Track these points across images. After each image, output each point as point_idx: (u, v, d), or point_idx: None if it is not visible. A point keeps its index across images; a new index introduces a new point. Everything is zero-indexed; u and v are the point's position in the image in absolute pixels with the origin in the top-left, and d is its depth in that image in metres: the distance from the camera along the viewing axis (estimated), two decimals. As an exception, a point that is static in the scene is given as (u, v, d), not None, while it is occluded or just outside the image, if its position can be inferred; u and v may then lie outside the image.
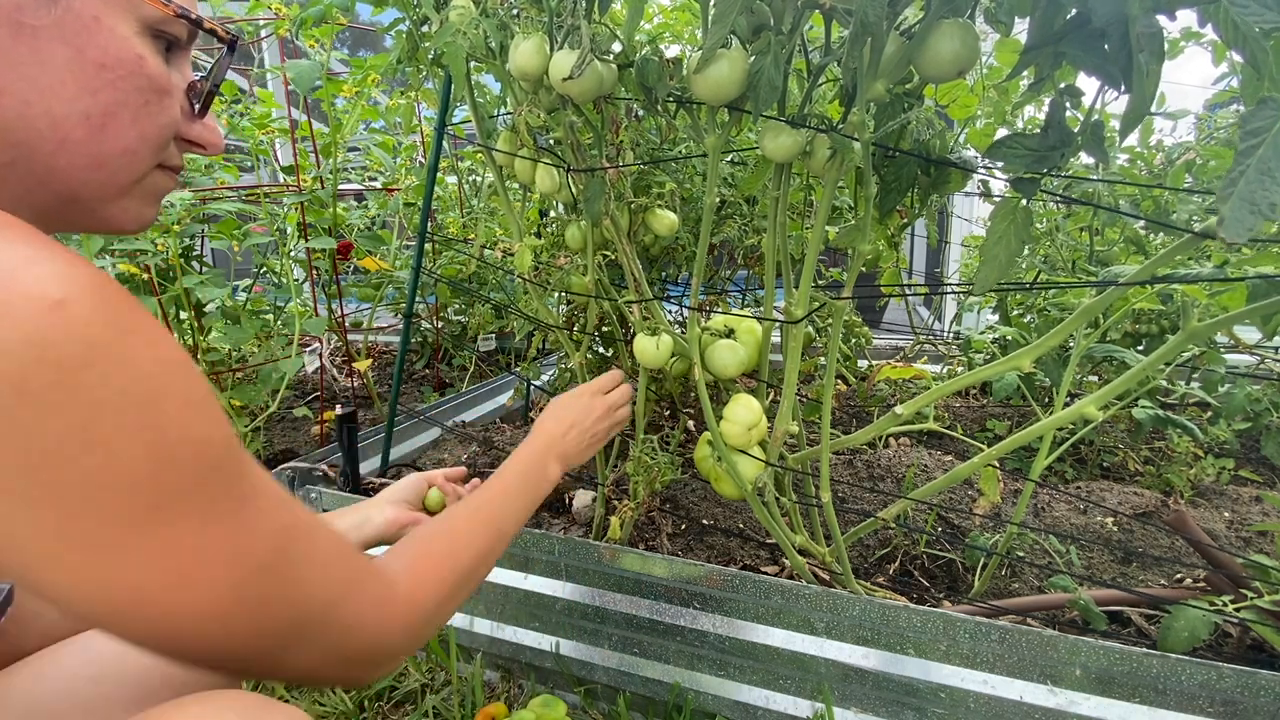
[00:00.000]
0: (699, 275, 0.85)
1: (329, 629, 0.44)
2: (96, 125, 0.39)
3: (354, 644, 0.46)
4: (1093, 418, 0.73)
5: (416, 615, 0.53)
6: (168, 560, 0.34)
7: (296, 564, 0.41)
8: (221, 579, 0.37)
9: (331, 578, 0.44)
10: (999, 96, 1.34)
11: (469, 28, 0.79)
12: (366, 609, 0.47)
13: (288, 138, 1.68)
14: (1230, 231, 0.43)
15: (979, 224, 2.51)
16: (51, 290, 0.29)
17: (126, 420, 0.31)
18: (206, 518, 0.35)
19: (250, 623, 0.39)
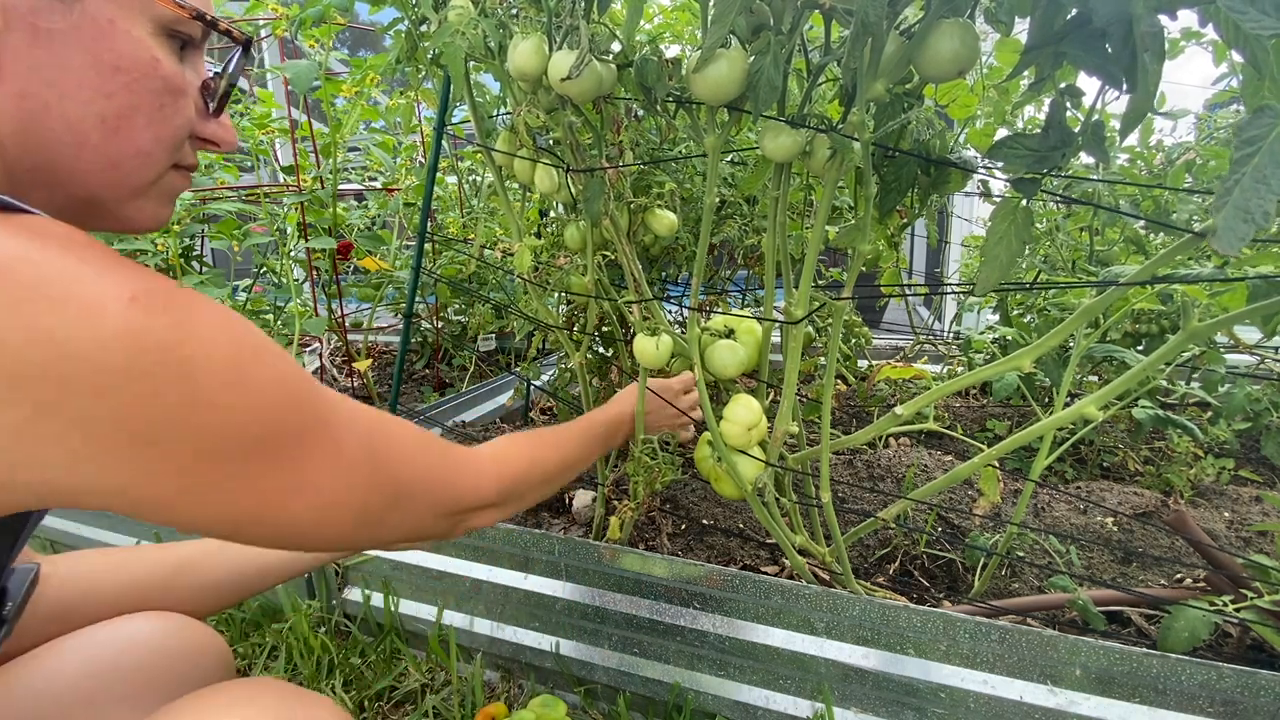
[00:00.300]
0: (699, 275, 0.85)
1: (423, 496, 0.53)
2: (112, 128, 0.40)
3: (450, 501, 0.57)
4: (1093, 418, 0.73)
5: (506, 475, 0.64)
6: (281, 480, 0.41)
7: (385, 454, 0.49)
8: (327, 484, 0.44)
9: (416, 457, 0.52)
10: (999, 96, 1.34)
11: (467, 27, 0.79)
12: (459, 476, 0.57)
13: (288, 138, 1.68)
14: (1223, 242, 0.43)
15: (979, 224, 2.51)
16: (125, 290, 0.34)
17: (217, 379, 0.36)
18: (304, 440, 0.42)
19: (358, 506, 0.47)
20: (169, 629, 0.66)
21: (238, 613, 1.24)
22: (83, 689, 0.59)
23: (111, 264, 0.35)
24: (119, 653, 0.62)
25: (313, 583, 1.22)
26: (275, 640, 1.16)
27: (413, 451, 0.52)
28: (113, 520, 1.48)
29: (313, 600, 1.21)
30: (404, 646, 1.13)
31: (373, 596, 1.16)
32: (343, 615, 1.19)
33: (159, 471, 0.36)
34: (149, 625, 0.65)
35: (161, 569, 0.69)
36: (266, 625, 1.19)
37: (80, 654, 0.61)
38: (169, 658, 0.64)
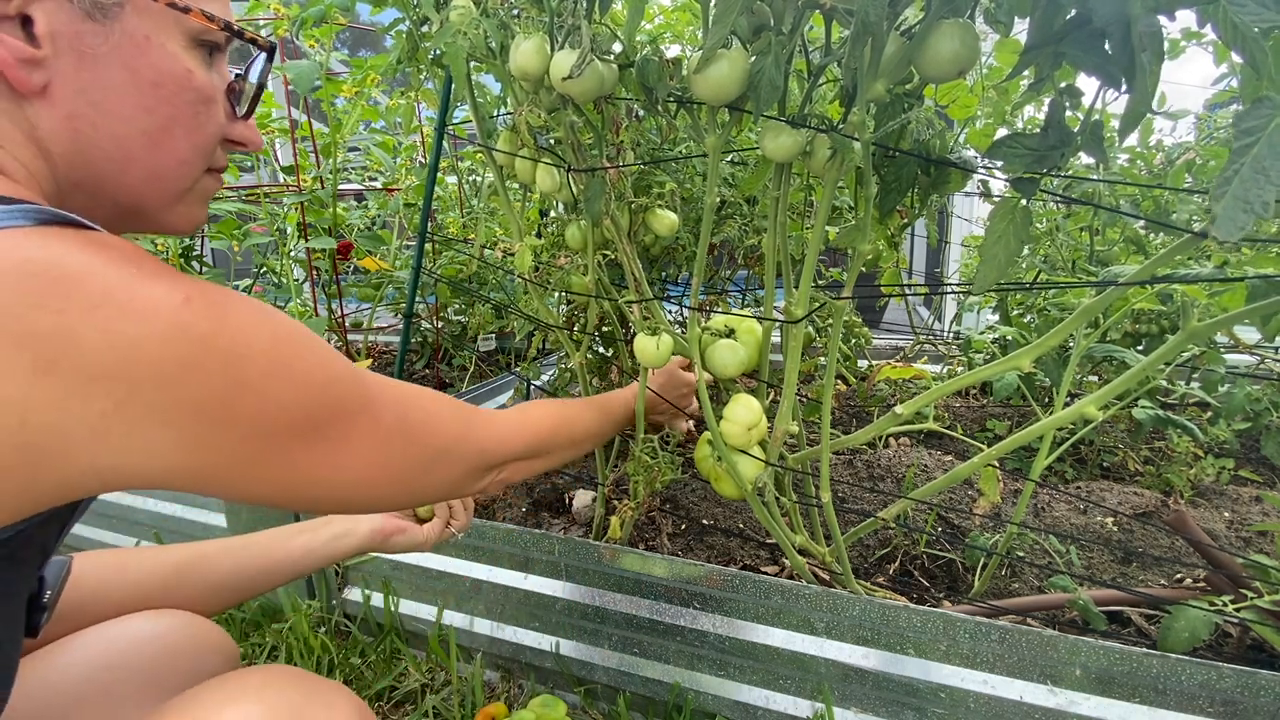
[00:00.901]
0: (699, 275, 0.85)
1: (455, 457, 0.59)
2: (155, 141, 0.43)
3: (479, 458, 0.62)
4: (1093, 418, 0.73)
5: (530, 435, 0.70)
6: (325, 455, 0.46)
7: (418, 423, 0.53)
8: (367, 455, 0.49)
9: (446, 424, 0.57)
10: (999, 96, 1.34)
11: (469, 28, 0.79)
12: (488, 434, 0.63)
13: (288, 138, 1.68)
14: (1223, 230, 0.43)
15: (979, 224, 2.51)
16: (179, 294, 0.38)
17: (258, 367, 0.40)
18: (343, 418, 0.46)
19: (396, 472, 0.52)
20: (178, 625, 0.67)
21: (238, 613, 1.24)
22: (97, 682, 0.60)
23: (164, 272, 0.39)
24: (131, 647, 0.63)
25: (313, 583, 1.22)
26: (275, 640, 1.16)
27: (442, 418, 0.57)
28: (111, 520, 1.48)
29: (313, 600, 1.21)
30: (404, 646, 1.13)
31: (373, 596, 1.16)
32: (343, 615, 1.19)
33: (215, 449, 0.40)
34: (159, 622, 0.67)
35: (164, 570, 0.70)
36: (267, 625, 1.19)
37: (93, 649, 0.62)
38: (179, 653, 0.65)
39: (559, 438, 0.76)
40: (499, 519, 1.36)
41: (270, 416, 0.41)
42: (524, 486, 1.48)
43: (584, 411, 0.85)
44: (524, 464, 0.71)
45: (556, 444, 0.76)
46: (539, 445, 0.72)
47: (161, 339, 0.36)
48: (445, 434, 0.57)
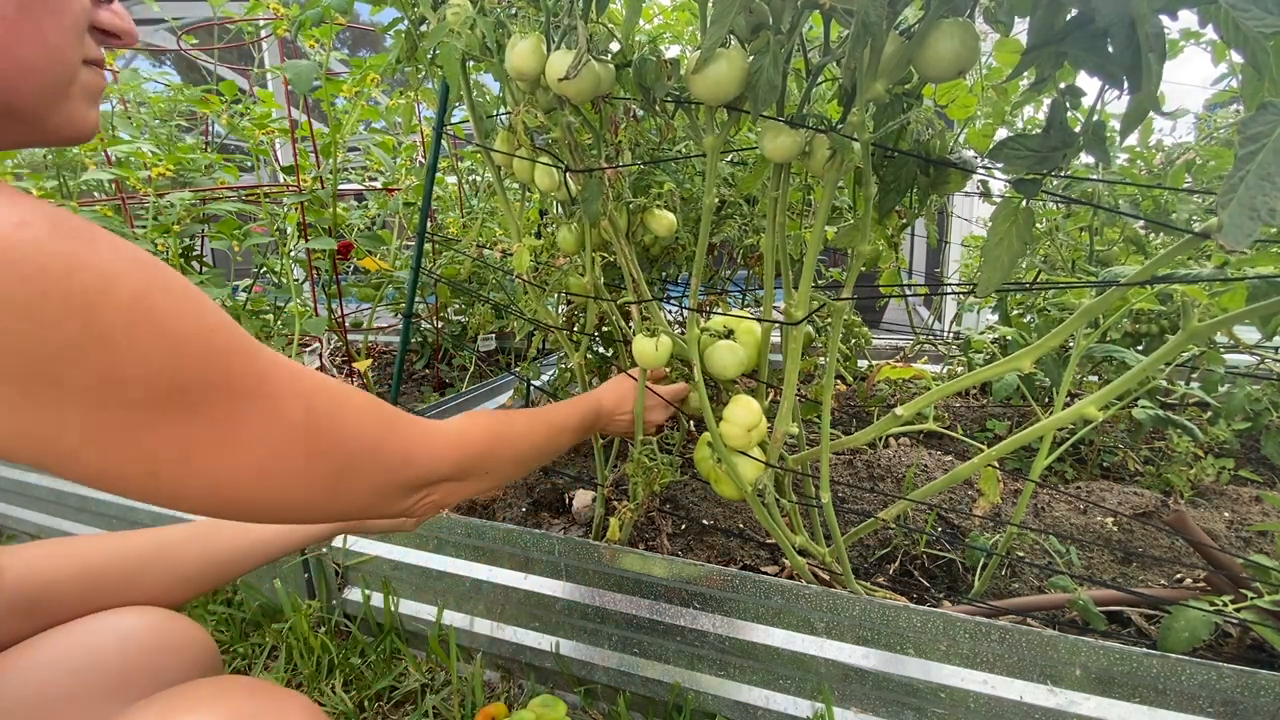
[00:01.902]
0: (698, 275, 0.85)
1: (375, 465, 0.50)
2: (12, 24, 0.38)
3: (406, 474, 0.54)
4: (1093, 418, 0.73)
5: (464, 452, 0.61)
6: (204, 434, 0.38)
7: (329, 419, 0.46)
8: (261, 444, 0.41)
9: (365, 425, 0.49)
10: (999, 96, 1.34)
11: (464, 27, 0.79)
12: (414, 446, 0.54)
13: (288, 138, 1.68)
14: (1230, 237, 0.43)
15: (979, 224, 2.50)
16: (10, 215, 0.31)
17: (120, 316, 0.33)
18: (232, 394, 0.39)
19: (298, 476, 0.44)
20: (150, 624, 0.64)
21: (237, 613, 1.24)
22: (62, 685, 0.57)
23: (2, 189, 0.32)
24: (99, 648, 0.60)
25: (313, 583, 1.22)
26: (275, 640, 1.16)
27: (361, 419, 0.49)
28: (70, 509, 1.46)
29: (313, 600, 1.21)
30: (404, 646, 1.13)
31: (373, 596, 1.16)
32: (343, 615, 1.19)
33: (62, 413, 0.33)
34: (130, 620, 0.64)
35: (125, 560, 0.66)
36: (266, 625, 1.19)
37: (59, 649, 0.59)
38: (151, 653, 0.62)
39: (499, 456, 0.67)
40: (499, 519, 1.36)
41: (129, 379, 0.34)
42: (524, 486, 1.48)
43: (528, 426, 0.75)
44: (458, 485, 0.62)
45: (496, 463, 0.67)
46: (475, 463, 0.63)
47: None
48: (363, 437, 0.49)
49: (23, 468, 1.52)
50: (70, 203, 1.36)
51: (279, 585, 1.19)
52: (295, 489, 0.45)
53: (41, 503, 1.51)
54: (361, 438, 0.49)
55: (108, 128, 1.63)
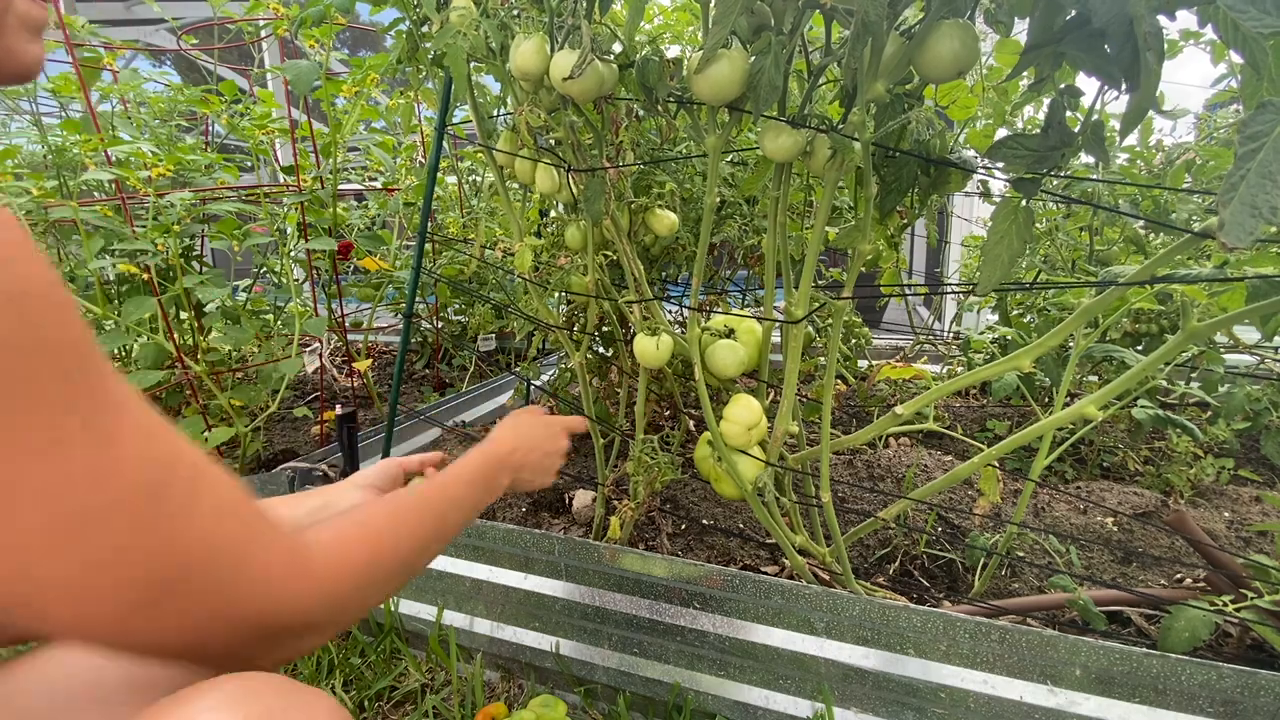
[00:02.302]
0: (699, 275, 0.85)
1: (216, 590, 0.37)
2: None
3: (254, 609, 0.40)
4: (1092, 417, 0.73)
5: (338, 587, 0.47)
6: (5, 435, 0.28)
7: (172, 507, 0.34)
8: (71, 489, 0.30)
9: (222, 531, 0.37)
10: (998, 97, 1.34)
11: (469, 28, 0.79)
12: (272, 572, 0.41)
13: (288, 138, 1.68)
14: (1231, 236, 0.43)
15: (979, 224, 2.51)
16: None
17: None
18: (66, 401, 0.29)
19: (108, 562, 0.32)
20: None
21: (238, 613, 1.24)
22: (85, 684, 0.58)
23: None
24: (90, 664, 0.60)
25: (313, 583, 1.22)
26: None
27: (218, 518, 0.37)
28: None
29: (313, 600, 1.21)
30: (404, 646, 1.13)
31: (373, 596, 1.16)
32: (343, 615, 1.19)
33: None
34: None
35: None
36: (266, 625, 1.19)
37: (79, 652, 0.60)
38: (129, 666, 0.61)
39: (375, 579, 0.53)
40: (499, 519, 1.36)
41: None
42: (524, 486, 1.48)
43: (420, 520, 0.60)
44: (314, 637, 0.47)
45: (375, 588, 0.53)
46: (353, 598, 0.49)
47: None
48: (214, 542, 0.36)
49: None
50: (70, 203, 1.36)
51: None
52: (100, 583, 0.32)
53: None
54: (212, 541, 0.36)
55: (108, 127, 1.63)
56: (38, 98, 1.52)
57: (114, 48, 1.69)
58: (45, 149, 1.48)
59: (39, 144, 1.51)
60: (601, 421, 1.21)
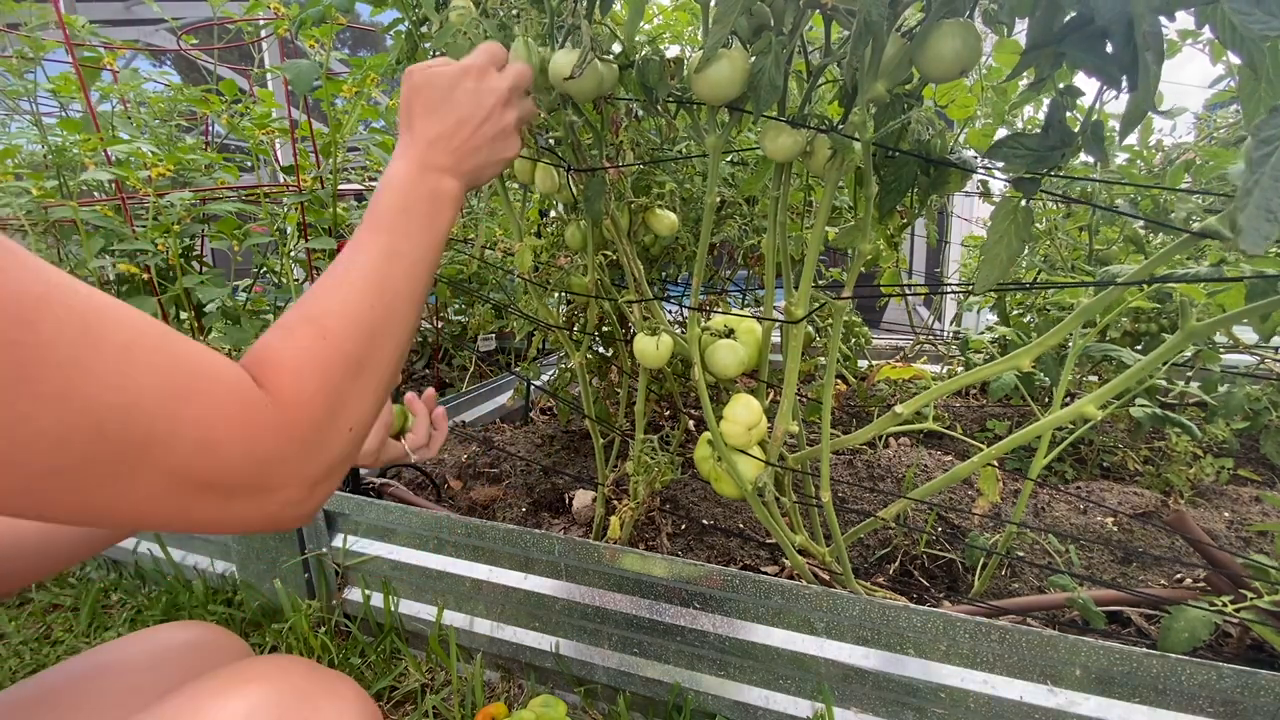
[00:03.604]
0: (699, 275, 0.85)
1: (159, 447, 0.33)
2: None
3: (212, 465, 0.35)
4: (1091, 416, 0.73)
5: (306, 420, 0.40)
6: None
7: (57, 347, 0.29)
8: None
9: (140, 374, 0.32)
10: (998, 97, 1.34)
11: (469, 28, 0.79)
12: (220, 419, 0.35)
13: (288, 138, 1.68)
14: (1248, 241, 0.43)
15: (979, 224, 2.51)
16: None
17: None
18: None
19: (27, 426, 0.28)
20: (209, 636, 0.68)
21: (237, 613, 1.24)
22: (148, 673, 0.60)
23: None
24: (170, 648, 0.64)
25: (313, 583, 1.22)
26: (275, 640, 1.16)
27: (130, 361, 0.32)
28: None
29: (313, 600, 1.21)
30: (404, 646, 1.13)
31: (373, 596, 1.16)
32: (343, 615, 1.19)
33: None
34: (189, 633, 0.67)
35: None
36: (267, 625, 1.19)
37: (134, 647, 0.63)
38: (212, 650, 0.66)
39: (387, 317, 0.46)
40: (499, 519, 1.36)
41: None
42: (524, 486, 1.48)
43: (362, 279, 0.47)
44: (318, 488, 0.42)
45: (363, 384, 0.45)
46: (331, 415, 0.42)
47: None
48: (140, 385, 0.32)
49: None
50: (70, 203, 1.36)
51: (279, 585, 1.19)
52: (25, 450, 0.29)
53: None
54: (125, 397, 0.31)
55: (108, 127, 1.63)
56: (38, 98, 1.52)
57: (114, 48, 1.69)
58: (45, 149, 1.48)
59: (39, 144, 1.51)
60: (601, 421, 1.21)
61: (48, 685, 0.58)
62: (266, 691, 0.47)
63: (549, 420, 1.94)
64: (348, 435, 0.43)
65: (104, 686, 0.59)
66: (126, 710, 0.52)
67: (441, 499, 1.45)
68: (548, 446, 1.69)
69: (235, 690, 0.47)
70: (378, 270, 0.48)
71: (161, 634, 0.66)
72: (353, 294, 0.46)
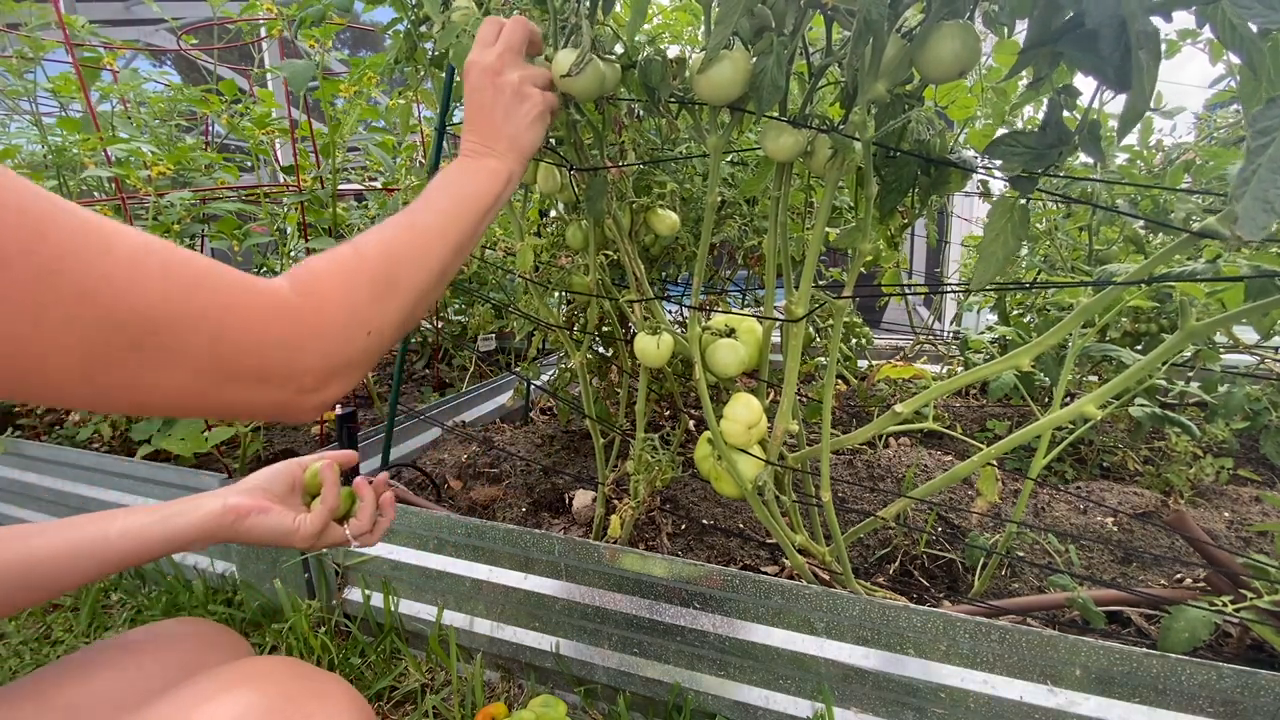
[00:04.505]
0: (699, 275, 0.85)
1: (189, 342, 0.37)
2: None
3: (253, 359, 0.40)
4: (1091, 416, 0.73)
5: (323, 312, 0.44)
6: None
7: (67, 256, 0.34)
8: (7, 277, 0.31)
9: (149, 276, 0.36)
10: (998, 97, 1.34)
11: (473, 27, 0.79)
12: (252, 316, 0.40)
13: (288, 138, 1.68)
14: (1245, 229, 0.43)
15: (979, 224, 2.51)
16: None
17: None
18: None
19: (56, 332, 0.33)
20: (201, 629, 0.68)
21: (237, 613, 1.24)
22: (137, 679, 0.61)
23: None
24: (159, 636, 0.65)
25: (313, 583, 1.22)
26: (275, 640, 1.15)
27: (168, 274, 0.37)
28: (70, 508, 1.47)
29: (313, 600, 1.21)
30: (404, 646, 1.13)
31: (373, 596, 1.16)
32: (343, 615, 1.19)
33: None
34: (180, 627, 0.68)
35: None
36: (267, 625, 1.19)
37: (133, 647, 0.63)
38: (202, 644, 0.66)
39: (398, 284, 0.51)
40: (499, 519, 1.36)
41: None
42: (524, 486, 1.48)
43: (431, 223, 0.58)
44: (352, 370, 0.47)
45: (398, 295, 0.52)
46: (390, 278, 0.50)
47: None
48: (165, 291, 0.37)
49: (24, 468, 1.52)
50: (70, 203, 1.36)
51: (279, 585, 1.19)
52: (63, 343, 0.33)
53: (41, 502, 1.51)
54: (171, 307, 0.37)
55: (108, 127, 1.63)
56: (38, 98, 1.52)
57: (114, 48, 1.69)
58: (45, 149, 1.48)
59: (39, 144, 1.51)
60: (601, 421, 1.21)
61: (52, 674, 0.58)
62: (253, 696, 0.47)
63: (549, 420, 1.94)
64: (365, 338, 0.47)
65: (111, 663, 0.60)
66: (132, 688, 0.53)
67: (441, 499, 1.45)
68: (548, 446, 1.69)
69: (222, 695, 0.47)
70: (411, 211, 0.57)
71: (164, 625, 0.67)
72: (389, 227, 0.54)
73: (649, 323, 0.91)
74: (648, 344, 0.88)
